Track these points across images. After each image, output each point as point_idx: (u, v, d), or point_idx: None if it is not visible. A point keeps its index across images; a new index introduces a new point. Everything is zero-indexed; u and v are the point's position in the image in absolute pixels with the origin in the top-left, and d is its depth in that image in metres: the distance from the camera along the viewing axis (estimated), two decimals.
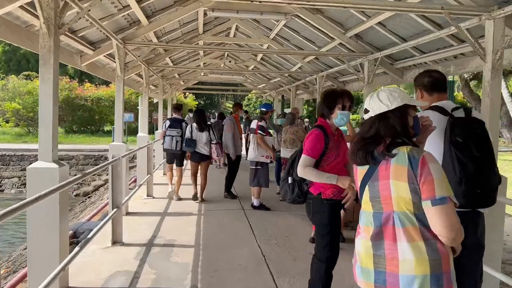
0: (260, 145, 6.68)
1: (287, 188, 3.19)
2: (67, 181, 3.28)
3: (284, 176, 3.27)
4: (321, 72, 9.79)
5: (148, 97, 13.74)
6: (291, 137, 7.47)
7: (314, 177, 2.96)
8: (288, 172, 3.22)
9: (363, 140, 1.93)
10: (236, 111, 7.94)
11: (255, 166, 6.78)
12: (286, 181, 3.21)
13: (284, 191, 3.25)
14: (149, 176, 7.71)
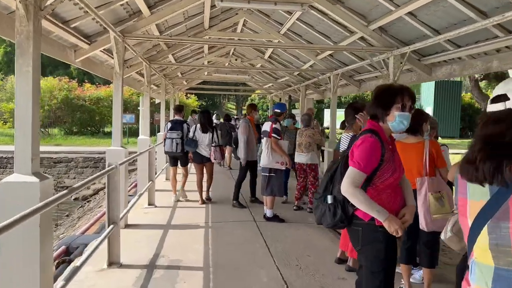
0: (274, 150, 6.00)
1: (326, 210, 2.48)
2: (50, 199, 2.60)
3: (320, 193, 2.58)
4: (335, 70, 9.11)
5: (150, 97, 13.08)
6: (307, 141, 6.80)
7: (362, 205, 2.29)
8: (325, 188, 2.53)
9: (494, 146, 1.26)
10: (250, 112, 7.29)
11: (268, 173, 6.10)
12: (324, 201, 2.51)
13: (320, 213, 2.54)
14: (151, 183, 7.04)
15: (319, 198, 2.55)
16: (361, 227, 2.37)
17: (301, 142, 6.87)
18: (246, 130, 6.88)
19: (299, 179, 7.08)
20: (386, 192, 2.35)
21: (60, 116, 27.10)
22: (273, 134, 6.01)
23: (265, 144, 6.09)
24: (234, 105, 65.13)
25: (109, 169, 4.15)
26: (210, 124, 7.28)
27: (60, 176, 19.71)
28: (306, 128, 6.92)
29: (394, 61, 6.24)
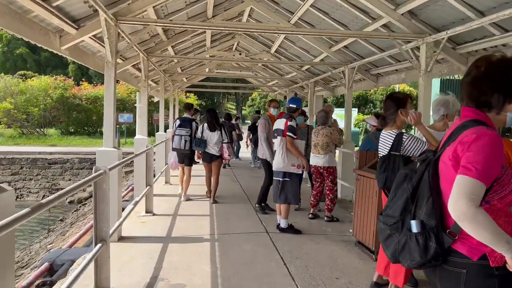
0: (289, 151, 5.22)
1: (409, 242, 1.67)
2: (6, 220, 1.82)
3: (394, 216, 1.76)
4: (350, 64, 8.33)
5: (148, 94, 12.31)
6: (324, 140, 6.03)
7: (486, 234, 1.47)
8: (403, 209, 1.73)
9: None
10: (269, 108, 6.53)
11: (282, 178, 5.32)
12: (402, 228, 1.71)
13: (399, 246, 1.72)
14: (149, 188, 6.26)
15: (393, 224, 1.75)
16: (466, 268, 1.57)
17: (317, 142, 6.09)
18: (265, 127, 6.15)
19: (315, 183, 6.30)
20: (503, 214, 1.56)
21: (56, 116, 26.30)
22: (288, 132, 5.22)
23: (278, 145, 5.30)
24: (233, 105, 64.44)
25: (96, 175, 3.36)
26: (218, 122, 7.15)
27: (55, 177, 18.92)
28: (323, 127, 6.15)
29: (427, 50, 5.45)
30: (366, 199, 4.75)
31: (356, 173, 5.03)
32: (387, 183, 3.25)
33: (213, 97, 60.00)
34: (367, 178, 4.78)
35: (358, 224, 4.93)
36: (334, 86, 11.41)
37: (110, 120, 5.04)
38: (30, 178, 18.78)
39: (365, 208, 4.75)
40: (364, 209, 4.79)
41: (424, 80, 5.46)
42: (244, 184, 9.38)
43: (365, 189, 4.78)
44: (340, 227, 5.88)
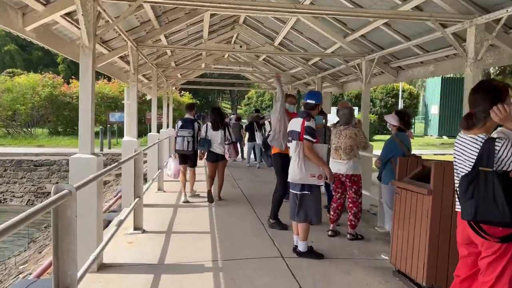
0: (308, 159, 4.21)
1: None
2: None
3: None
4: (368, 55, 7.34)
5: (140, 91, 11.27)
6: (348, 143, 5.06)
7: None
8: None
9: None
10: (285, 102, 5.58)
11: (299, 191, 4.31)
12: None
13: None
14: (138, 201, 5.23)
15: None
16: None
17: (339, 145, 5.11)
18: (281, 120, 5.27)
19: (335, 194, 5.30)
20: None
21: (44, 115, 25.07)
22: (306, 135, 4.21)
23: (294, 151, 4.28)
24: (228, 104, 63.30)
25: (55, 198, 2.33)
26: (222, 121, 6.95)
27: (41, 180, 17.78)
28: (346, 127, 5.16)
29: (476, 33, 4.46)
30: (410, 219, 3.77)
31: (396, 186, 4.05)
32: (478, 215, 2.25)
33: (208, 95, 58.80)
34: (411, 192, 3.80)
35: (399, 249, 3.94)
36: (343, 82, 10.43)
37: (87, 119, 4.02)
38: (15, 181, 17.64)
39: (410, 230, 3.77)
40: (407, 232, 3.80)
41: (473, 70, 4.47)
42: (246, 190, 8.37)
43: (409, 206, 3.80)
44: (367, 248, 4.90)
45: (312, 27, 7.70)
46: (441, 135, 31.51)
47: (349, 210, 5.13)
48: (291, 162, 4.28)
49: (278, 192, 5.60)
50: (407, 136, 4.60)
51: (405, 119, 4.58)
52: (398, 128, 4.58)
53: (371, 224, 5.99)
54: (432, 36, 5.36)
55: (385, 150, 4.54)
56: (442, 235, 3.49)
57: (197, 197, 7.45)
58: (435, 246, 3.48)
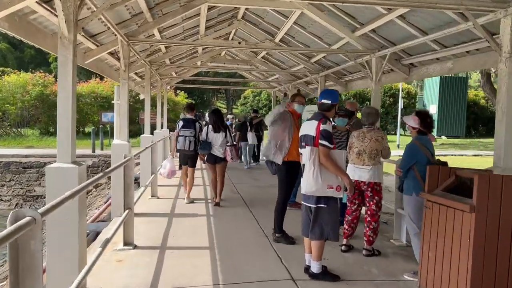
0: (325, 167, 3.65)
1: None
2: None
3: None
4: (378, 52, 6.80)
5: (132, 90, 10.72)
6: (374, 147, 4.54)
7: None
8: None
9: None
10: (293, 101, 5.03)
11: (315, 204, 3.76)
12: None
13: None
14: (128, 213, 4.65)
15: None
16: None
17: (362, 149, 4.55)
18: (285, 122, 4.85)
19: (351, 205, 4.74)
20: None
21: (35, 115, 24.36)
22: (322, 140, 3.65)
23: (308, 158, 3.71)
24: (224, 103, 62.65)
25: (13, 229, 1.75)
26: (222, 124, 6.95)
27: (30, 183, 17.10)
28: (371, 129, 4.61)
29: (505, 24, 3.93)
30: (446, 239, 3.22)
31: (426, 199, 3.50)
32: None
33: (203, 95, 58.04)
34: (446, 207, 3.26)
35: (430, 272, 3.40)
36: (348, 80, 9.88)
37: (66, 123, 3.43)
38: (2, 184, 16.95)
39: (445, 252, 3.22)
40: (442, 254, 3.26)
41: (509, 66, 3.93)
42: (246, 195, 7.80)
43: (444, 224, 3.26)
44: (387, 266, 4.36)
45: (317, 21, 7.16)
46: (439, 135, 31.12)
47: (367, 225, 4.59)
48: (304, 171, 3.71)
49: (281, 203, 5.04)
50: (429, 140, 4.06)
51: (427, 120, 4.04)
52: (419, 130, 4.03)
53: (385, 236, 5.45)
54: (456, 29, 4.83)
55: (406, 157, 3.99)
56: (488, 260, 2.95)
57: (193, 202, 7.22)
58: (479, 273, 2.94)
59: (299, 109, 5.02)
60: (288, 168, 4.86)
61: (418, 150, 3.93)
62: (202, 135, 6.90)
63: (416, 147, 3.96)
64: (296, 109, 5.04)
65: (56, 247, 3.31)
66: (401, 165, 4.05)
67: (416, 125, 4.00)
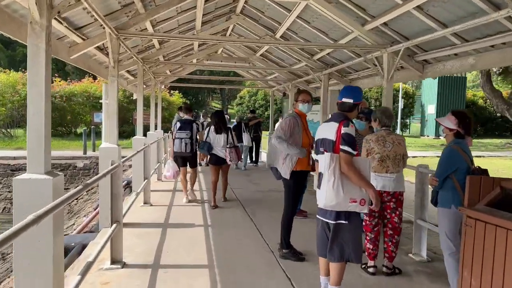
0: (347, 178, 3.10)
1: None
2: None
3: None
4: (391, 46, 6.27)
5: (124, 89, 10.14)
6: (398, 152, 4.01)
7: None
8: None
9: None
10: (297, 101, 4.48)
11: (334, 220, 3.20)
12: None
13: None
14: (116, 227, 4.08)
15: None
16: None
17: (386, 155, 4.00)
18: (289, 126, 4.31)
19: (371, 219, 4.16)
20: None
21: (25, 115, 23.52)
22: (344, 146, 3.10)
23: (327, 167, 3.13)
24: (219, 103, 62.00)
25: None
26: (224, 125, 6.94)
27: None
28: (389, 131, 4.08)
29: None
30: (495, 264, 2.69)
31: (466, 215, 2.96)
32: None
33: (198, 95, 57.30)
34: (493, 226, 2.72)
35: None
36: (352, 79, 9.36)
37: (38, 125, 2.87)
38: None
39: (494, 280, 2.69)
40: (489, 281, 2.72)
41: None
42: (246, 202, 7.24)
43: (491, 246, 2.72)
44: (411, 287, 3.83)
45: (323, 14, 6.62)
46: (438, 136, 30.72)
47: (389, 239, 4.05)
48: (322, 181, 3.16)
49: (287, 217, 4.49)
50: (467, 144, 3.51)
51: (466, 121, 3.49)
52: (456, 133, 3.48)
53: (402, 249, 4.91)
54: (485, 19, 4.30)
55: (444, 164, 3.41)
56: None
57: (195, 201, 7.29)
58: None
59: (304, 109, 4.47)
60: (296, 179, 4.33)
61: (459, 156, 3.36)
62: (204, 135, 6.89)
63: (456, 152, 3.37)
64: (301, 109, 4.49)
65: (25, 275, 2.74)
66: (438, 173, 3.48)
67: (453, 126, 3.44)
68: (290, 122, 4.34)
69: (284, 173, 4.29)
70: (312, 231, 5.25)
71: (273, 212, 6.68)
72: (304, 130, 4.41)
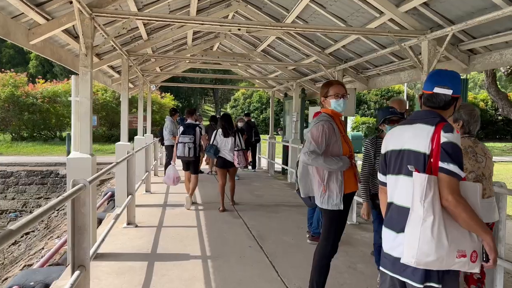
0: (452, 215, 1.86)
1: None
2: None
3: None
4: (432, 32, 5.09)
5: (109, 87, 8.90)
6: (491, 168, 2.89)
7: None
8: None
9: None
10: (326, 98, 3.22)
11: (421, 283, 1.92)
12: None
13: None
14: (79, 275, 2.81)
15: None
16: None
17: (481, 174, 2.82)
18: (323, 135, 3.09)
19: None
20: None
21: (5, 118, 22.14)
22: (448, 163, 1.84)
23: (420, 196, 1.82)
24: (212, 106, 60.66)
25: None
26: (231, 128, 6.89)
27: None
28: (476, 140, 2.90)
29: None
30: None
31: None
32: None
33: (190, 98, 55.83)
34: None
35: None
36: (370, 76, 8.17)
37: None
38: None
39: None
40: None
41: None
42: (252, 223, 6.00)
43: None
44: None
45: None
46: None
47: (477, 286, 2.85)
48: (408, 222, 1.92)
49: (325, 255, 3.23)
50: None
51: None
52: None
53: None
54: None
55: None
56: None
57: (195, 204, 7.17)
58: None
59: (339, 107, 3.23)
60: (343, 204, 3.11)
61: None
62: (211, 139, 6.84)
63: None
64: (334, 108, 3.24)
65: None
66: None
67: None
68: (323, 129, 3.10)
69: (332, 203, 3.06)
70: (343, 266, 4.03)
71: (286, 236, 5.46)
72: (342, 136, 3.20)
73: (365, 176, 3.67)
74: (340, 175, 3.07)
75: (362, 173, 3.68)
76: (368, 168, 3.67)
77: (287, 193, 8.86)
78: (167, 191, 8.71)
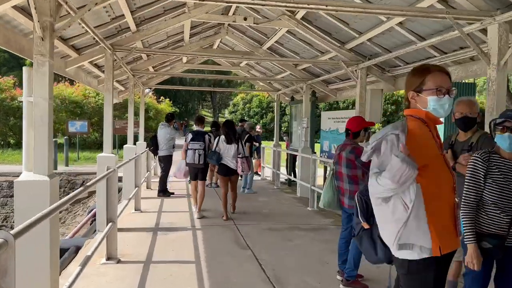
0: None
1: None
2: None
3: None
4: (501, 14, 3.90)
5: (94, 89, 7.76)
6: None
7: None
8: None
9: None
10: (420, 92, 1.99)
11: None
12: None
13: None
14: None
15: None
16: None
17: None
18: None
19: None
20: None
21: None
22: None
23: None
24: (209, 112, 59.44)
25: None
26: (235, 135, 6.79)
27: None
28: None
29: None
30: None
31: None
32: None
33: (188, 103, 54.52)
34: None
35: None
36: (397, 75, 6.97)
37: None
38: None
39: None
40: None
41: None
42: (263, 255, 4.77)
43: None
44: None
45: None
46: None
47: None
48: None
49: None
50: None
51: None
52: None
53: None
54: None
55: None
56: None
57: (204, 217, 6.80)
58: None
59: (441, 109, 1.95)
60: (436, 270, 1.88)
61: None
62: (213, 145, 6.79)
63: None
64: (434, 110, 1.95)
65: None
66: None
67: None
68: (395, 140, 1.86)
69: (407, 253, 1.84)
70: None
71: (309, 276, 4.23)
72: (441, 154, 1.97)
73: (470, 207, 2.48)
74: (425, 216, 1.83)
75: (465, 202, 2.49)
76: (475, 195, 2.48)
77: (299, 211, 7.65)
78: (160, 209, 7.48)
